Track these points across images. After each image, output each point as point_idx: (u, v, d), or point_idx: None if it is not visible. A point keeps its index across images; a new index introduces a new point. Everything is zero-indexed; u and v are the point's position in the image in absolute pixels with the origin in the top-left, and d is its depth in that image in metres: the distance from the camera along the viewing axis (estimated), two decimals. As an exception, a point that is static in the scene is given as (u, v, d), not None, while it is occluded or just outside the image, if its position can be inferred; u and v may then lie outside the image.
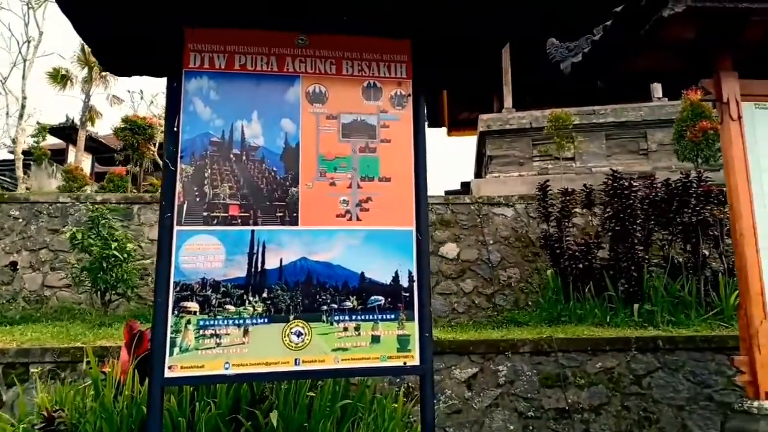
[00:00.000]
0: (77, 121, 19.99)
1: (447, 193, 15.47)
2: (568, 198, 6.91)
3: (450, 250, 7.67)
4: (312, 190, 2.99)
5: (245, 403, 3.30)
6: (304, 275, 2.91)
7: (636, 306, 5.86)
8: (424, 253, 3.06)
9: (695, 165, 7.81)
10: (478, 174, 15.35)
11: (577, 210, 7.26)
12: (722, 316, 5.77)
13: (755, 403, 3.23)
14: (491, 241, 7.86)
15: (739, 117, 3.65)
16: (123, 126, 12.12)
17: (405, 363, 2.94)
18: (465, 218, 8.02)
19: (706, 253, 6.29)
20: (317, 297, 2.91)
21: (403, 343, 2.94)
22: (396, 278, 3.02)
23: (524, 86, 13.16)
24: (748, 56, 3.77)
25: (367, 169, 3.08)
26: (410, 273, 3.02)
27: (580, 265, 6.35)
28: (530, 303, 7.26)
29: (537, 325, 6.34)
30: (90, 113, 20.19)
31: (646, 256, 6.26)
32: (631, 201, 6.34)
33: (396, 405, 3.65)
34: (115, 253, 5.95)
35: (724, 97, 3.67)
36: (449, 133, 20.35)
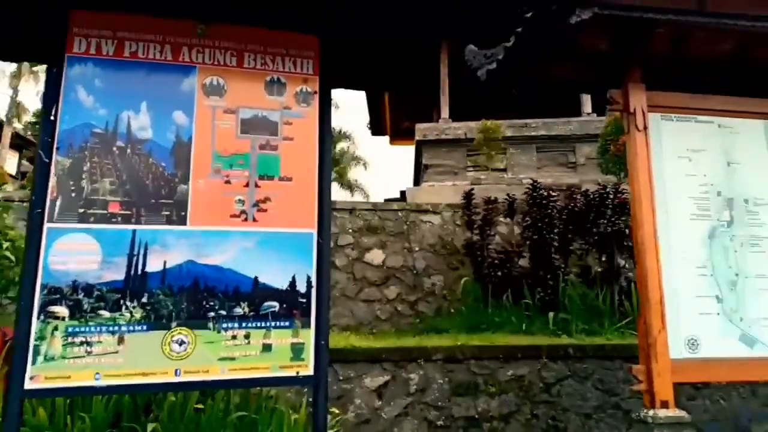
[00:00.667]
0: (2, 117, 18.80)
1: (386, 200, 15.41)
2: (490, 207, 6.96)
3: (376, 256, 7.57)
4: (204, 188, 2.81)
5: (127, 416, 3.06)
6: (191, 279, 2.72)
7: (551, 314, 5.93)
8: (324, 258, 2.92)
9: (618, 178, 8.03)
10: (417, 183, 15.40)
11: (500, 219, 7.33)
12: (634, 325, 5.91)
13: (651, 412, 3.26)
14: (417, 249, 7.82)
15: (645, 128, 3.72)
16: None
17: (298, 373, 2.79)
18: (392, 225, 7.95)
19: (621, 262, 6.46)
20: (204, 303, 2.72)
21: (296, 351, 2.79)
22: (293, 284, 2.87)
23: (462, 97, 13.31)
24: (656, 68, 3.85)
25: (266, 168, 2.92)
26: (309, 278, 2.87)
27: (500, 273, 6.39)
28: (453, 310, 7.25)
29: (457, 333, 6.31)
30: (17, 109, 19.03)
31: (563, 265, 6.36)
32: (549, 211, 6.44)
33: (298, 416, 3.49)
34: (6, 253, 5.50)
35: (631, 107, 3.73)
36: (392, 142, 20.34)
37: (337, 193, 29.47)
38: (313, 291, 2.85)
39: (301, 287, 2.84)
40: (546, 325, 5.93)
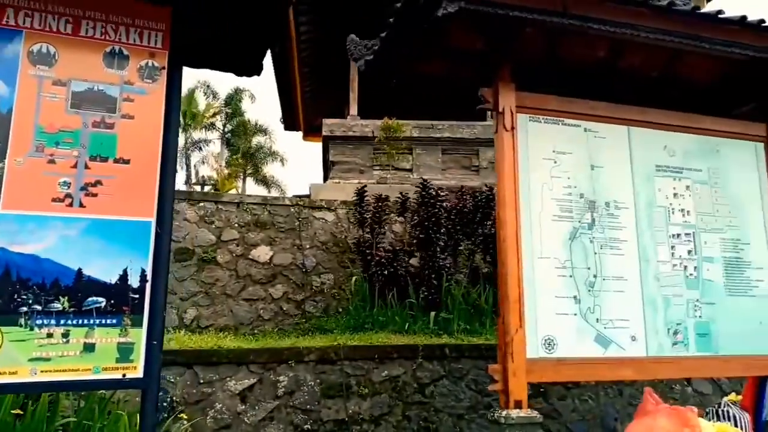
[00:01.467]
0: None
1: (296, 197, 15.07)
2: (381, 204, 6.91)
3: (262, 253, 7.32)
4: (23, 167, 2.51)
5: None
6: (1, 269, 2.42)
7: (432, 314, 5.96)
8: (163, 250, 2.69)
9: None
10: (326, 180, 15.20)
11: (397, 218, 7.32)
12: (513, 325, 6.05)
13: (504, 413, 3.28)
14: (308, 246, 7.64)
15: (513, 128, 3.76)
16: None
17: (124, 375, 2.55)
18: (283, 220, 7.72)
19: (506, 264, 6.59)
20: (16, 296, 2.42)
21: (124, 352, 2.55)
22: (124, 277, 2.62)
23: (373, 95, 13.26)
24: (527, 68, 3.90)
25: (99, 148, 2.65)
26: (143, 272, 2.63)
27: (386, 272, 6.35)
28: (341, 310, 7.14)
29: (342, 333, 6.21)
30: None
31: (448, 264, 6.41)
32: (437, 210, 6.47)
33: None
34: None
35: (500, 107, 3.76)
36: (305, 138, 19.99)
37: (252, 189, 28.73)
38: (148, 286, 2.62)
39: (134, 282, 2.61)
40: (428, 325, 5.95)
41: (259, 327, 6.66)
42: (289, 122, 19.39)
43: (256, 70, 3.55)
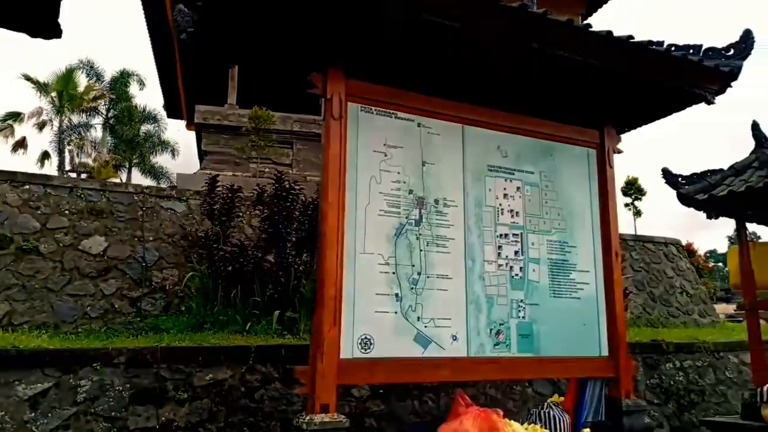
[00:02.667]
0: None
1: (170, 188, 14.18)
2: (232, 196, 6.57)
3: (95, 244, 6.69)
4: None
5: None
6: None
7: (277, 313, 5.72)
8: None
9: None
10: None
11: (256, 212, 7.02)
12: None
13: (306, 418, 3.10)
14: (151, 238, 7.11)
15: (341, 117, 3.62)
16: None
17: None
18: (124, 209, 7.13)
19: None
20: None
21: None
22: None
23: (256, 85, 12.73)
24: (362, 57, 3.76)
25: None
26: None
27: (230, 268, 6.02)
28: (183, 309, 6.69)
29: (179, 333, 5.81)
30: None
31: (299, 261, 6.20)
32: (289, 204, 6.25)
33: None
34: None
35: (328, 93, 3.61)
36: (188, 127, 18.97)
37: (139, 180, 26.88)
38: None
39: None
40: (272, 325, 5.70)
41: (85, 326, 6.06)
42: (172, 109, 18.39)
43: (53, 30, 3.15)
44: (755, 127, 6.49)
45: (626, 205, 13.69)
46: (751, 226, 7.00)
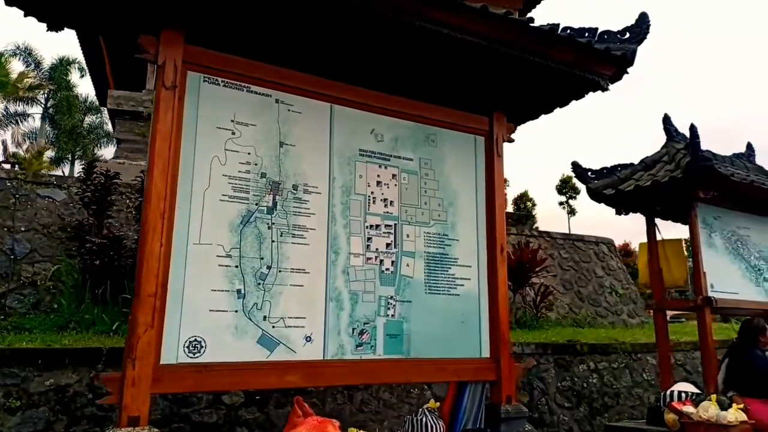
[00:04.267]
0: None
1: (51, 175, 13.47)
2: (108, 183, 6.10)
3: (-47, 234, 6.13)
4: None
5: None
6: None
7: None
8: None
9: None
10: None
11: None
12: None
13: (110, 432, 2.75)
14: (24, 228, 6.57)
15: (175, 86, 3.25)
16: None
17: None
18: (-6, 197, 6.58)
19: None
20: None
21: None
22: None
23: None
24: (208, 20, 3.40)
25: None
26: None
27: (97, 261, 5.57)
28: (55, 306, 6.19)
29: (44, 333, 5.33)
30: None
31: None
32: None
33: None
34: None
35: (160, 59, 3.23)
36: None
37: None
38: None
39: None
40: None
41: (-71, 327, 5.50)
42: (102, 97, 17.64)
43: None
44: (666, 120, 6.44)
45: (561, 203, 13.77)
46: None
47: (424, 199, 4.16)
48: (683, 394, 5.31)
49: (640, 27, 4.50)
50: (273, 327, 3.36)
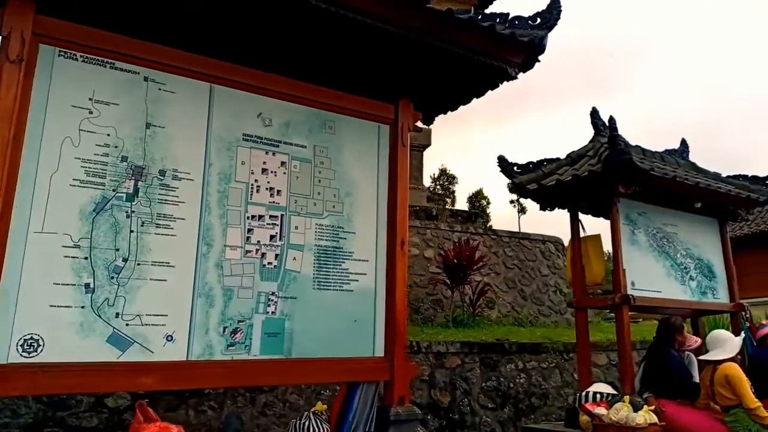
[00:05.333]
0: None
1: None
2: None
3: None
4: None
5: None
6: None
7: None
8: None
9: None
10: None
11: None
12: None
13: None
14: None
15: (21, 59, 2.97)
16: None
17: None
18: None
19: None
20: None
21: None
22: None
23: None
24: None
25: None
26: None
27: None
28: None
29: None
30: None
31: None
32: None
33: None
34: None
35: (4, 29, 2.95)
36: None
37: None
38: None
39: None
40: None
41: None
42: None
43: None
44: (594, 114, 6.35)
45: (511, 201, 13.74)
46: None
47: (317, 189, 3.94)
48: (598, 395, 5.22)
49: (551, 13, 4.37)
50: (127, 325, 3.10)
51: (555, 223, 9.56)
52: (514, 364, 7.23)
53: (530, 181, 6.12)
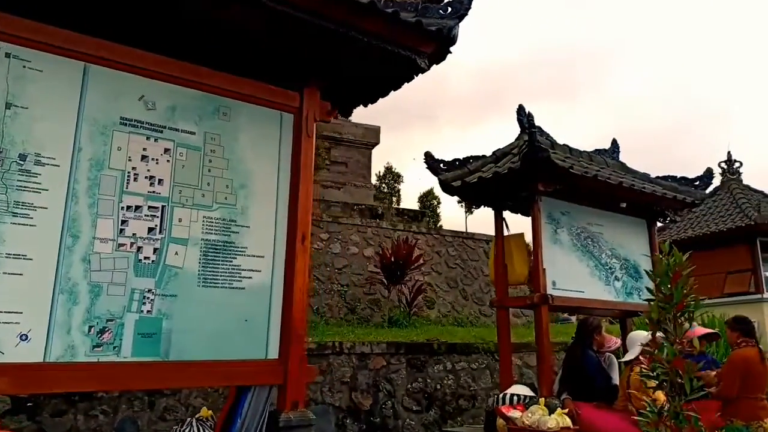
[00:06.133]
0: None
1: None
2: None
3: None
4: None
5: None
6: None
7: None
8: None
9: None
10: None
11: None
12: None
13: None
14: None
15: None
16: None
17: None
18: None
19: None
20: None
21: None
22: None
23: None
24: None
25: None
26: None
27: None
28: None
29: None
30: None
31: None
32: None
33: None
34: None
35: None
36: None
37: None
38: None
39: None
40: None
41: None
42: None
43: None
44: (520, 111, 6.25)
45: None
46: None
47: (207, 180, 3.70)
48: (515, 397, 5.12)
49: (462, 2, 4.23)
50: (-30, 325, 2.82)
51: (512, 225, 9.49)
52: (442, 365, 7.11)
53: (455, 178, 6.00)
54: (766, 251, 15.65)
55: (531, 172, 5.26)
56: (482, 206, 6.14)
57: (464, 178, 5.86)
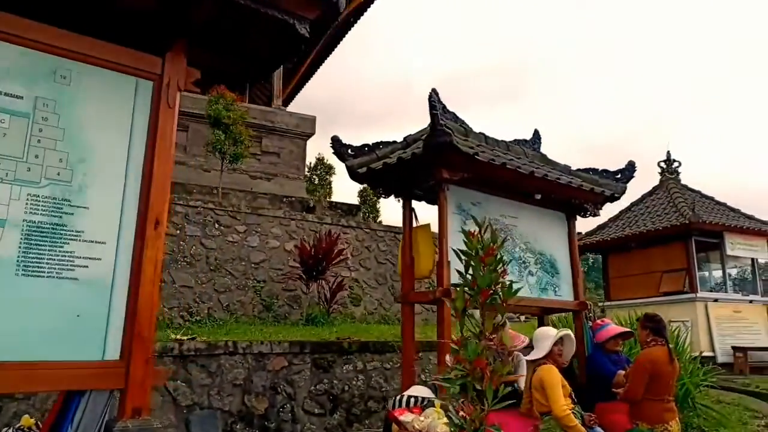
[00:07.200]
0: None
1: None
2: None
3: None
4: None
5: None
6: None
7: None
8: None
9: None
10: None
11: None
12: None
13: None
14: None
15: None
16: None
17: None
18: None
19: None
20: None
21: None
22: None
23: None
24: None
25: None
26: None
27: None
28: None
29: None
30: None
31: None
32: None
33: None
34: None
35: None
36: None
37: None
38: None
39: None
40: None
41: None
42: None
43: None
44: (432, 95, 5.90)
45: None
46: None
47: (35, 151, 3.19)
48: (413, 399, 4.77)
49: (346, -37, 3.83)
50: None
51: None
52: (352, 365, 6.72)
53: (362, 164, 5.62)
54: (701, 251, 15.90)
55: (435, 158, 4.91)
56: (392, 195, 5.77)
57: (370, 165, 5.48)
